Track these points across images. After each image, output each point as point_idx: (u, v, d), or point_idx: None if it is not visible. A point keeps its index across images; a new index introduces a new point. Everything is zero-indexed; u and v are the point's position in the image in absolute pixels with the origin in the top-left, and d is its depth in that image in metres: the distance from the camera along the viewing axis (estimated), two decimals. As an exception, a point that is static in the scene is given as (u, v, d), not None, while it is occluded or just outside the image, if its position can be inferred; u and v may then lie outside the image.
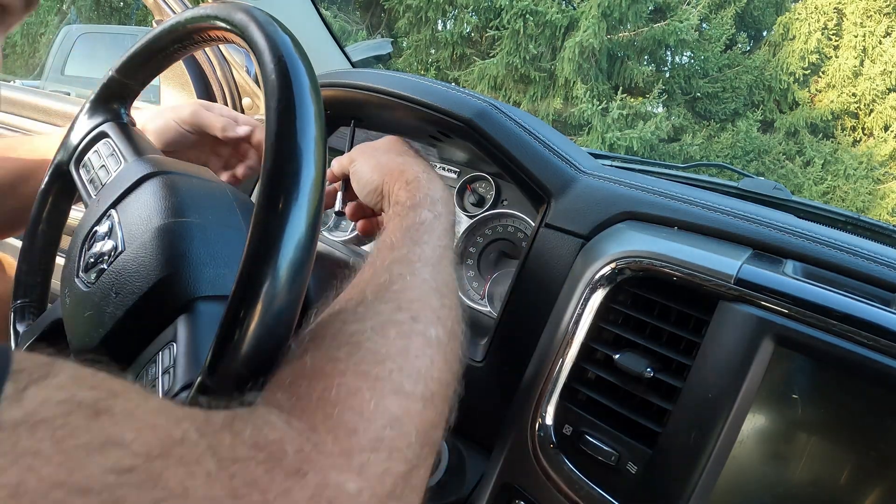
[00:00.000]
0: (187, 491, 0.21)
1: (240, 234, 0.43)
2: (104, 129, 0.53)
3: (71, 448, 0.19)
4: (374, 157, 0.53)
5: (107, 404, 0.21)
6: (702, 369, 0.42)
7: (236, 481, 0.22)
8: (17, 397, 0.19)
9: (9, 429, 0.18)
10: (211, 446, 0.23)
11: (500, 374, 0.58)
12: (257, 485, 0.23)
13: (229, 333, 0.30)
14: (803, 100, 8.48)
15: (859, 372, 0.38)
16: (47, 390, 0.20)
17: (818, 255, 0.47)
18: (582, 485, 0.46)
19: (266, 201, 0.31)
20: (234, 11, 0.38)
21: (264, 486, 0.23)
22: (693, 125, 8.48)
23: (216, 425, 0.24)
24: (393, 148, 0.55)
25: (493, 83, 8.32)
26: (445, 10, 8.74)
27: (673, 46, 8.37)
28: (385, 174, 0.50)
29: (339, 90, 0.71)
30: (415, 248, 0.39)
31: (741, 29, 9.11)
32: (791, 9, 8.78)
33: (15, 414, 0.19)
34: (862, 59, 8.16)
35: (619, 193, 0.57)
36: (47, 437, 0.19)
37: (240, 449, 0.24)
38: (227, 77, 1.32)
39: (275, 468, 0.24)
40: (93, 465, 0.19)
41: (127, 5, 10.42)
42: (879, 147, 7.87)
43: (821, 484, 0.39)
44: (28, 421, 0.19)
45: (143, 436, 0.21)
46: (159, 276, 0.38)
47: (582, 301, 0.49)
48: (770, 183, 0.84)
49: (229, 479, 0.22)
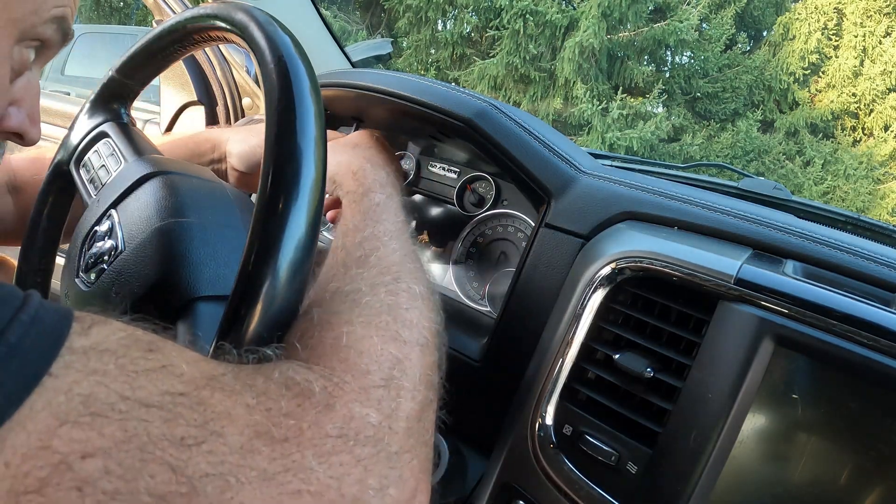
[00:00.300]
0: (231, 415, 0.24)
1: (240, 234, 0.43)
2: (104, 128, 0.53)
3: (132, 372, 0.22)
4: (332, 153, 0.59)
5: (158, 344, 0.24)
6: (702, 369, 0.42)
7: (273, 413, 0.25)
8: (84, 332, 0.22)
9: (80, 352, 0.22)
10: (247, 384, 0.26)
11: (500, 374, 0.58)
12: (292, 415, 0.25)
13: (230, 332, 0.30)
14: (803, 100, 8.48)
15: (859, 372, 0.38)
16: (109, 328, 0.24)
17: (818, 255, 0.47)
18: (582, 485, 0.46)
19: (266, 201, 0.31)
20: (235, 11, 0.38)
21: (298, 416, 0.26)
22: (693, 125, 8.48)
23: (248, 370, 0.27)
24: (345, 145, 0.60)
25: (493, 83, 8.32)
26: (445, 10, 8.74)
27: (673, 46, 8.37)
28: (334, 168, 0.55)
29: (339, 90, 0.70)
30: (378, 225, 0.43)
31: (741, 29, 9.10)
32: (791, 9, 8.78)
33: (84, 342, 0.22)
34: (862, 59, 8.16)
35: (619, 193, 0.57)
36: (112, 362, 0.22)
37: (272, 387, 0.26)
38: (227, 77, 1.32)
39: (305, 402, 0.26)
40: (151, 386, 0.22)
41: (127, 5, 10.42)
42: (879, 147, 7.87)
43: (821, 484, 0.39)
44: (96, 348, 0.22)
45: (190, 369, 0.24)
46: (159, 277, 0.38)
47: (582, 301, 0.49)
48: (770, 183, 0.84)
49: (266, 410, 0.25)
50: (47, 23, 0.35)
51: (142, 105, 1.60)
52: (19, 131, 0.39)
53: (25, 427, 0.19)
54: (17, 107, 0.38)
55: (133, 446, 0.21)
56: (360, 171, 0.52)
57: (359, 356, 0.30)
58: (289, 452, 0.24)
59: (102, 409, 0.21)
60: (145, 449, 0.21)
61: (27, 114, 0.38)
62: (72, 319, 0.23)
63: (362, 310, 0.34)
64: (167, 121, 1.39)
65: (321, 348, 0.31)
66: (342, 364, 0.30)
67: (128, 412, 0.21)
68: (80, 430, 0.20)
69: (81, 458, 0.20)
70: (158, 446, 0.21)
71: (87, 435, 0.20)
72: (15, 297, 0.22)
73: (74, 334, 0.22)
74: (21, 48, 0.35)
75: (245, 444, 0.23)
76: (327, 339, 0.31)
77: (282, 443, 0.24)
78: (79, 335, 0.22)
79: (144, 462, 0.21)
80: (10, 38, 0.33)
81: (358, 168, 0.52)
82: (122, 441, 0.20)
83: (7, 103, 0.36)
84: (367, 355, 0.31)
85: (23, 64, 0.36)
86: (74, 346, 0.22)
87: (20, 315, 0.21)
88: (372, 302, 0.35)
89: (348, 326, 0.32)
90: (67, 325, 0.22)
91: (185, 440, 0.22)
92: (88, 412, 0.20)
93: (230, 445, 0.23)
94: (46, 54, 0.38)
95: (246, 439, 0.23)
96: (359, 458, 0.26)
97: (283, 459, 0.24)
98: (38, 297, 0.23)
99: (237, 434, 0.23)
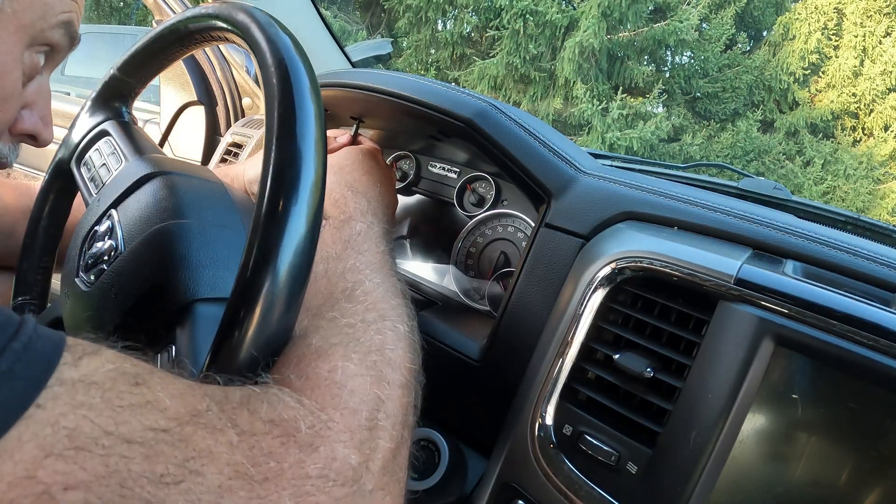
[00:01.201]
0: (212, 454, 0.24)
1: (239, 235, 0.43)
2: (105, 127, 0.53)
3: (117, 406, 0.23)
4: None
5: (144, 378, 0.25)
6: (702, 369, 0.42)
7: (255, 451, 0.25)
8: (74, 363, 0.23)
9: (68, 384, 0.22)
10: (231, 420, 0.26)
11: (500, 374, 0.58)
12: (274, 455, 0.26)
13: (228, 335, 0.30)
14: (803, 100, 8.48)
15: (859, 372, 0.38)
16: (98, 361, 0.24)
17: (818, 255, 0.47)
18: (582, 485, 0.46)
19: (266, 202, 0.31)
20: (235, 12, 0.38)
21: (280, 457, 0.26)
22: (693, 125, 8.48)
23: (234, 402, 0.27)
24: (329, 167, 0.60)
25: (493, 83, 8.32)
26: (445, 10, 8.73)
27: (673, 46, 8.37)
28: None
29: (339, 90, 0.70)
30: (359, 256, 0.44)
31: (741, 29, 9.10)
32: (791, 9, 8.77)
33: (73, 374, 0.23)
34: (862, 59, 8.15)
35: (619, 193, 0.57)
36: (98, 396, 0.23)
37: (257, 424, 0.26)
38: (227, 77, 1.32)
39: (289, 442, 0.27)
40: (135, 421, 0.23)
41: (127, 5, 10.41)
42: (879, 147, 7.87)
43: (821, 484, 0.39)
44: (84, 381, 0.23)
45: (175, 404, 0.24)
46: (158, 278, 0.38)
47: (582, 301, 0.49)
48: (770, 183, 0.84)
49: (249, 449, 0.25)
50: (55, 28, 0.36)
51: (142, 105, 1.60)
52: (33, 133, 0.40)
53: (13, 457, 0.20)
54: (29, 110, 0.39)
55: (113, 482, 0.21)
56: (341, 198, 0.52)
57: (350, 395, 0.31)
58: (266, 493, 0.25)
59: (86, 444, 0.21)
60: (125, 485, 0.22)
61: (40, 116, 0.40)
62: (63, 348, 0.23)
63: (357, 346, 0.34)
64: (167, 121, 1.39)
65: (315, 379, 0.31)
66: (333, 401, 0.30)
67: (110, 448, 0.22)
68: (64, 462, 0.21)
69: (64, 489, 0.20)
70: (138, 483, 0.22)
71: (71, 468, 0.21)
72: (10, 325, 0.23)
73: (65, 365, 0.23)
74: (31, 53, 0.36)
75: (223, 483, 0.24)
76: (322, 370, 0.32)
77: (261, 483, 0.25)
78: (69, 366, 0.23)
79: (123, 497, 0.21)
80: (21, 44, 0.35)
81: (339, 196, 0.52)
82: (104, 476, 0.21)
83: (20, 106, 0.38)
84: (356, 395, 0.31)
85: (34, 68, 0.37)
86: (64, 378, 0.22)
87: (12, 344, 0.22)
88: (364, 340, 0.35)
89: (343, 361, 0.33)
90: (58, 353, 0.23)
91: (164, 478, 0.22)
92: (73, 446, 0.21)
93: (208, 485, 0.23)
94: (55, 58, 0.39)
95: (225, 478, 0.24)
96: (335, 498, 0.27)
97: (260, 500, 0.24)
98: (33, 323, 0.24)
99: (217, 473, 0.24)
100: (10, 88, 0.35)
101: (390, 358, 0.36)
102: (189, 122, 1.36)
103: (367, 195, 0.55)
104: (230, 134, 1.13)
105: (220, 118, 1.34)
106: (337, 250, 0.44)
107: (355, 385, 0.32)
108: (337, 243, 0.45)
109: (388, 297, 0.41)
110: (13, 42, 0.34)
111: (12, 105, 0.36)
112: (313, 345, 0.33)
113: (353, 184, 0.56)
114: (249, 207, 0.46)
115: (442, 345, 0.63)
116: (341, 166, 0.60)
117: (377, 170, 0.62)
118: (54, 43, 0.37)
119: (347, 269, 0.42)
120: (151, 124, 1.45)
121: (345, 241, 0.46)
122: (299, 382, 0.31)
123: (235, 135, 1.12)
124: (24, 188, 0.65)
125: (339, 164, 0.61)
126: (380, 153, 0.69)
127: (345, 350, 0.33)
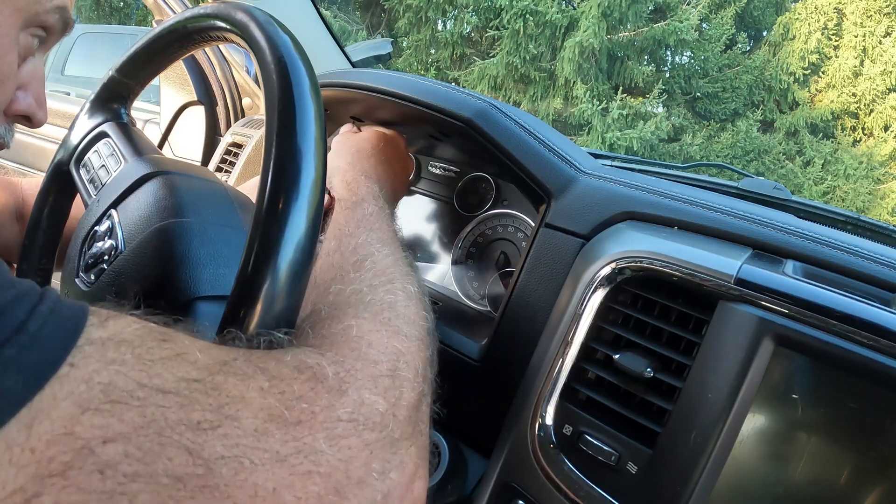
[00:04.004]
0: (245, 399, 0.24)
1: (240, 234, 0.43)
2: (104, 128, 0.52)
3: (148, 360, 0.23)
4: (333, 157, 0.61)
5: (171, 335, 0.25)
6: (702, 369, 0.42)
7: (286, 395, 0.26)
8: (101, 324, 0.24)
9: (98, 343, 0.23)
10: (259, 367, 0.26)
11: (500, 374, 0.58)
12: (305, 398, 0.26)
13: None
14: (803, 100, 8.47)
15: (859, 372, 0.38)
16: (124, 321, 0.25)
17: (818, 255, 0.47)
18: (582, 485, 0.46)
19: (266, 201, 0.31)
20: (235, 11, 0.38)
21: (311, 400, 0.26)
22: (693, 125, 8.48)
23: (260, 353, 0.28)
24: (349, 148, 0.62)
25: (493, 83, 8.32)
26: (445, 10, 8.73)
27: (673, 46, 8.37)
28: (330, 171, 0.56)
29: (339, 90, 0.70)
30: (371, 234, 0.45)
31: (741, 29, 9.09)
32: (791, 9, 8.77)
33: (101, 333, 0.23)
34: (862, 59, 8.15)
35: (619, 193, 0.57)
36: (129, 351, 0.23)
37: (284, 370, 0.27)
38: (227, 77, 1.32)
39: (318, 386, 0.27)
40: (167, 373, 0.23)
41: (127, 5, 10.42)
42: (879, 147, 7.86)
43: (821, 484, 0.39)
44: (113, 339, 0.23)
45: (204, 356, 0.25)
46: (159, 277, 0.38)
47: (582, 301, 0.49)
48: (770, 183, 0.84)
49: (280, 393, 0.26)
50: (49, 12, 0.37)
51: (142, 105, 1.60)
52: (27, 114, 0.40)
53: (49, 415, 0.20)
54: (24, 91, 0.39)
55: (151, 431, 0.22)
56: (353, 181, 0.53)
57: (368, 347, 0.32)
58: (301, 435, 0.25)
59: (121, 397, 0.21)
60: (163, 433, 0.22)
61: (34, 97, 0.40)
62: (88, 313, 0.24)
63: (367, 307, 0.35)
64: (167, 121, 1.39)
65: (332, 338, 0.32)
66: (353, 353, 0.31)
67: (146, 399, 0.22)
68: (101, 416, 0.21)
69: (103, 442, 0.21)
70: (176, 430, 0.22)
71: (108, 421, 0.21)
72: (34, 292, 0.23)
73: (92, 326, 0.23)
74: (26, 35, 0.37)
75: (259, 426, 0.24)
76: (337, 329, 0.32)
77: (295, 426, 0.25)
78: (96, 327, 0.23)
79: (162, 446, 0.22)
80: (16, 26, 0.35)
81: (352, 179, 0.54)
82: (141, 426, 0.21)
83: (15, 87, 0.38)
84: (375, 346, 0.32)
85: (28, 50, 0.38)
86: (93, 337, 0.23)
87: (39, 307, 0.22)
88: (374, 300, 0.36)
89: (356, 320, 0.34)
90: (84, 317, 0.23)
91: (201, 424, 0.23)
92: (108, 400, 0.21)
93: (244, 429, 0.24)
94: (49, 42, 0.40)
95: (260, 422, 0.24)
96: (366, 442, 0.27)
97: (296, 442, 0.25)
98: (55, 292, 0.24)
99: (251, 417, 0.24)
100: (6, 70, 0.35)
101: (403, 314, 0.37)
102: (189, 122, 1.36)
103: (378, 181, 0.56)
104: (230, 134, 1.13)
105: (220, 118, 1.34)
106: (350, 228, 0.46)
107: (372, 339, 0.32)
108: (350, 222, 0.47)
109: (396, 265, 0.42)
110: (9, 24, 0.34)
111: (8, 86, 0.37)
112: (323, 312, 0.34)
113: (368, 169, 0.57)
114: (249, 206, 0.46)
115: (442, 345, 0.63)
116: (360, 149, 0.61)
117: (395, 159, 0.64)
118: (49, 26, 0.38)
119: (359, 244, 0.43)
120: (151, 124, 1.45)
121: (357, 220, 0.47)
122: (317, 341, 0.31)
123: (235, 135, 1.12)
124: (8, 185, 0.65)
125: (357, 147, 0.62)
126: (403, 142, 0.70)
127: (355, 311, 0.34)
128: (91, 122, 0.54)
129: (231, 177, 1.05)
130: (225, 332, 0.30)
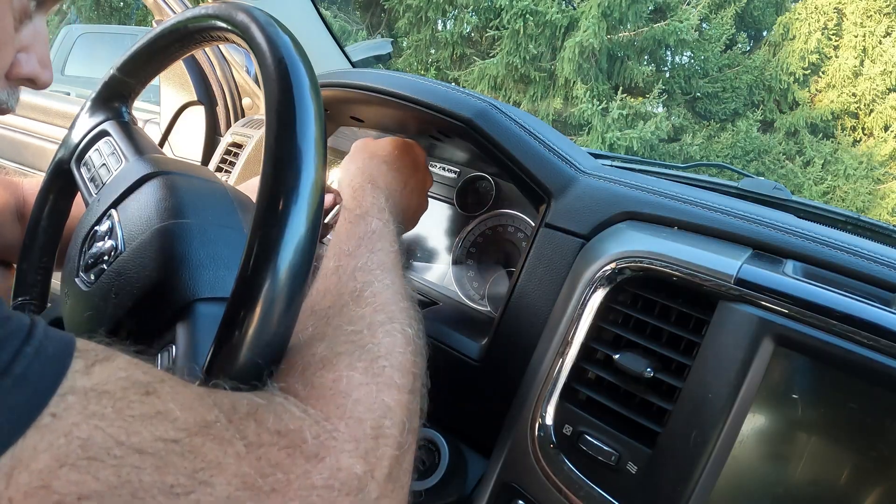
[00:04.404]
0: (221, 465, 0.24)
1: (239, 235, 0.43)
2: (105, 127, 0.53)
3: (128, 416, 0.23)
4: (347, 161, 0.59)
5: (155, 387, 0.25)
6: (702, 369, 0.42)
7: (262, 463, 0.26)
8: (86, 371, 0.23)
9: (80, 394, 0.22)
10: (239, 431, 0.26)
11: (500, 374, 0.58)
12: (281, 466, 0.26)
13: (228, 335, 0.30)
14: (803, 100, 8.47)
15: (859, 372, 0.38)
16: (110, 369, 0.24)
17: (818, 255, 0.47)
18: (582, 485, 0.46)
19: (266, 202, 0.31)
20: (235, 12, 0.38)
21: (287, 468, 0.26)
22: (693, 125, 8.47)
23: (242, 413, 0.27)
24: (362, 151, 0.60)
25: (493, 83, 8.31)
26: (445, 10, 8.73)
27: (673, 46, 8.36)
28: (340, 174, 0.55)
29: (339, 90, 0.70)
30: (372, 256, 0.44)
31: (741, 29, 9.09)
32: (791, 9, 8.76)
33: (85, 383, 0.23)
34: (862, 59, 8.15)
35: (619, 193, 0.57)
36: (110, 406, 0.23)
37: (264, 436, 0.27)
38: (227, 77, 1.32)
39: (295, 453, 0.27)
40: (146, 432, 0.23)
41: (127, 5, 10.41)
42: (879, 147, 7.86)
43: (821, 484, 0.39)
44: (96, 390, 0.23)
45: (185, 415, 0.25)
46: (159, 278, 0.38)
47: (582, 301, 0.49)
48: (770, 183, 0.84)
49: (256, 460, 0.26)
50: None
51: (142, 105, 1.60)
52: (31, 76, 0.39)
53: (28, 466, 0.20)
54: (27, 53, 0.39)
55: (125, 492, 0.22)
56: (359, 189, 0.52)
57: (355, 405, 0.31)
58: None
59: (99, 454, 0.22)
60: (136, 495, 0.22)
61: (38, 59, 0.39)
62: (73, 351, 0.24)
63: (363, 353, 0.34)
64: (167, 121, 1.39)
65: (320, 389, 0.31)
66: (338, 410, 0.30)
67: (122, 458, 0.22)
68: (78, 472, 0.21)
69: (77, 499, 0.21)
70: (149, 493, 0.22)
71: (84, 478, 0.21)
72: (21, 328, 0.23)
73: (77, 372, 0.23)
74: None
75: (231, 494, 0.24)
76: (327, 379, 0.32)
77: (268, 494, 0.25)
78: (81, 374, 0.23)
79: None
80: None
81: (359, 186, 0.52)
82: (116, 486, 0.22)
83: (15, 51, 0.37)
84: (361, 404, 0.31)
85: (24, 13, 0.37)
86: (76, 386, 0.23)
87: (25, 347, 0.22)
88: (372, 347, 0.35)
89: (348, 371, 0.33)
90: (69, 357, 0.23)
91: (175, 488, 0.23)
92: (86, 456, 0.22)
93: (216, 496, 0.24)
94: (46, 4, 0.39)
95: (233, 489, 0.24)
96: None
97: None
98: (43, 325, 0.24)
99: (225, 484, 0.24)
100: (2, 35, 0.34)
101: (399, 363, 0.35)
102: (189, 122, 1.36)
103: (387, 191, 0.54)
104: (230, 134, 1.13)
105: (220, 118, 1.34)
106: (350, 247, 0.44)
107: (360, 394, 0.32)
108: (351, 239, 0.45)
109: (396, 300, 0.41)
110: None
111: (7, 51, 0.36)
112: (318, 354, 0.33)
113: (376, 178, 0.55)
114: (250, 206, 0.46)
115: (442, 345, 0.63)
116: (373, 154, 0.60)
117: (409, 169, 0.61)
118: None
119: (358, 267, 0.42)
120: (151, 124, 1.45)
121: (359, 237, 0.45)
122: (304, 392, 0.31)
123: (235, 135, 1.12)
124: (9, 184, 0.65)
125: (371, 152, 0.60)
126: (423, 154, 0.66)
127: (350, 359, 0.33)
128: (92, 120, 0.54)
129: (231, 177, 1.05)
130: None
